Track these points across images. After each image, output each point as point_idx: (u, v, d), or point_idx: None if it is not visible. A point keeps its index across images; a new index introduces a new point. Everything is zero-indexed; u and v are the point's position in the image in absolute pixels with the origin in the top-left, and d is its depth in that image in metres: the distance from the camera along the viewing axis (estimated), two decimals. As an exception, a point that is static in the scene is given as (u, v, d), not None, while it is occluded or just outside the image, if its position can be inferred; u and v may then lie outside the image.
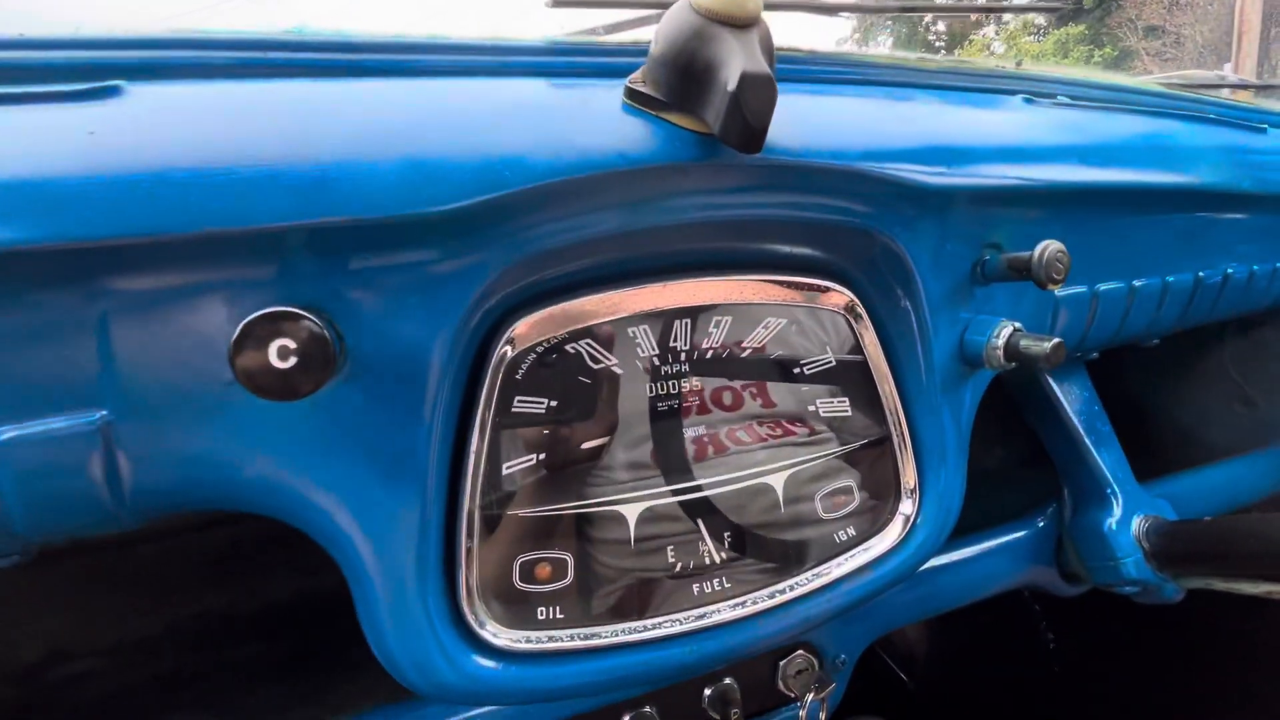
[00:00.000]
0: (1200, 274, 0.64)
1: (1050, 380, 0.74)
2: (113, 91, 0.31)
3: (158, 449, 0.33)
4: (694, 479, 0.48)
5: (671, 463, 0.48)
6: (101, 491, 0.33)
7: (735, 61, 0.33)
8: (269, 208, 0.30)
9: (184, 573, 0.83)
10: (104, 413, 0.32)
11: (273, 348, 0.28)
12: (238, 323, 0.31)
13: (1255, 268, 0.68)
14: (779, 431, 0.51)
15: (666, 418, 0.47)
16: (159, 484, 0.34)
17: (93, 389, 0.32)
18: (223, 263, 0.31)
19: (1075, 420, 0.74)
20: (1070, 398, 0.75)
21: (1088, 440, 0.73)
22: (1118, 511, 0.69)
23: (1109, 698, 1.19)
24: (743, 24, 0.34)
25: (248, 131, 0.32)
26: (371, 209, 0.32)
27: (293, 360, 0.29)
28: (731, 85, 0.33)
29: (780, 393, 0.50)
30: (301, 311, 0.29)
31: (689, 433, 0.48)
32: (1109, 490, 0.71)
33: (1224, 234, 0.65)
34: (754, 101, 0.33)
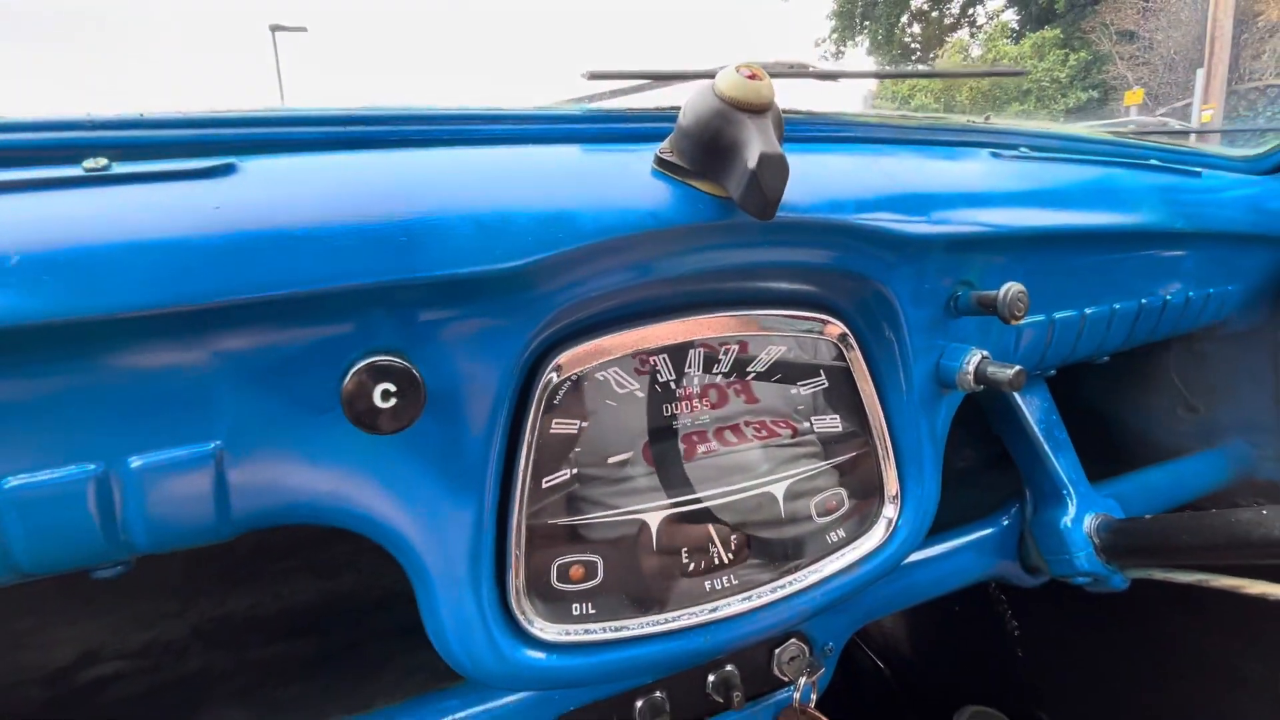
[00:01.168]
0: (1143, 301, 0.73)
1: (1014, 394, 0.82)
2: (230, 169, 0.36)
3: (260, 474, 0.39)
4: (706, 488, 0.55)
5: (686, 475, 0.54)
6: (209, 510, 0.39)
7: (755, 143, 0.40)
8: (364, 268, 0.36)
9: (208, 577, 0.87)
10: (217, 443, 0.37)
11: (377, 391, 0.34)
12: (339, 367, 0.37)
13: (1190, 294, 0.77)
14: (779, 445, 0.57)
15: (682, 435, 0.54)
16: (257, 504, 0.40)
17: (208, 424, 0.37)
18: (326, 315, 0.36)
19: (1036, 429, 0.82)
20: (1032, 409, 0.83)
21: (1047, 446, 0.81)
22: (1072, 510, 0.78)
23: (1067, 679, 1.29)
24: (759, 110, 0.41)
25: (342, 200, 0.37)
26: (448, 267, 0.37)
27: (393, 400, 0.34)
28: (752, 164, 0.39)
29: (780, 411, 0.57)
30: (399, 360, 0.35)
31: (701, 447, 0.55)
32: (1065, 491, 0.79)
33: (1163, 266, 0.73)
34: (770, 179, 0.39)
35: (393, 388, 0.34)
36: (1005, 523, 0.83)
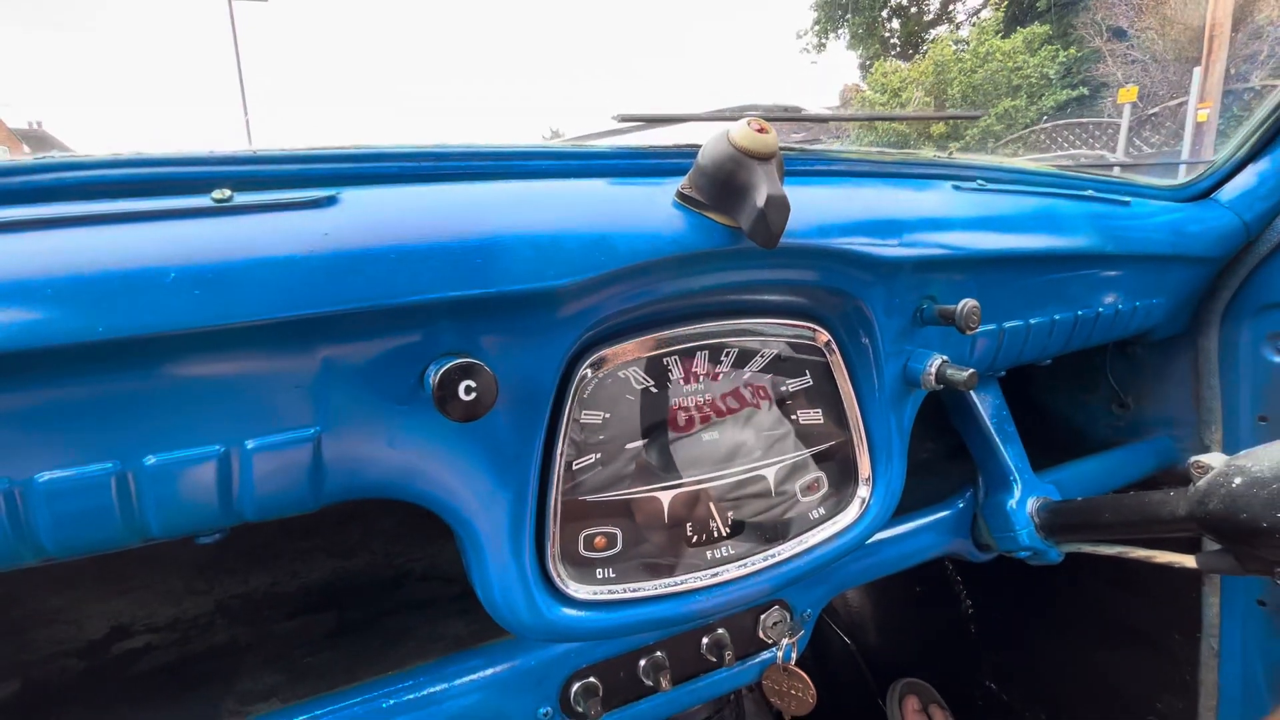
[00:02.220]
0: (1079, 312, 0.84)
1: (970, 393, 0.93)
2: (334, 200, 0.43)
3: (349, 455, 0.46)
4: (708, 471, 0.63)
5: (692, 459, 0.63)
6: (305, 485, 0.46)
7: (763, 186, 0.48)
8: (447, 284, 0.44)
9: (231, 557, 0.92)
10: (317, 429, 0.45)
11: (462, 386, 0.42)
12: (420, 365, 0.45)
13: (1120, 306, 0.89)
14: (770, 434, 0.67)
15: (690, 425, 0.62)
16: (344, 480, 0.47)
17: (310, 413, 0.44)
18: (412, 323, 0.44)
19: (988, 423, 0.93)
20: (985, 405, 0.94)
21: (997, 439, 0.92)
22: (1017, 494, 0.89)
23: (1012, 649, 1.43)
24: (766, 158, 0.49)
25: (427, 227, 0.45)
26: (513, 283, 0.45)
27: (474, 395, 0.42)
28: (760, 203, 0.48)
29: (773, 402, 0.66)
30: (479, 361, 0.43)
31: (705, 436, 0.63)
32: (1012, 478, 0.90)
33: (1097, 283, 0.85)
34: (775, 216, 0.48)
35: (474, 384, 0.42)
36: (960, 505, 0.94)
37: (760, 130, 0.49)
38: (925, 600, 1.71)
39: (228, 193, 0.42)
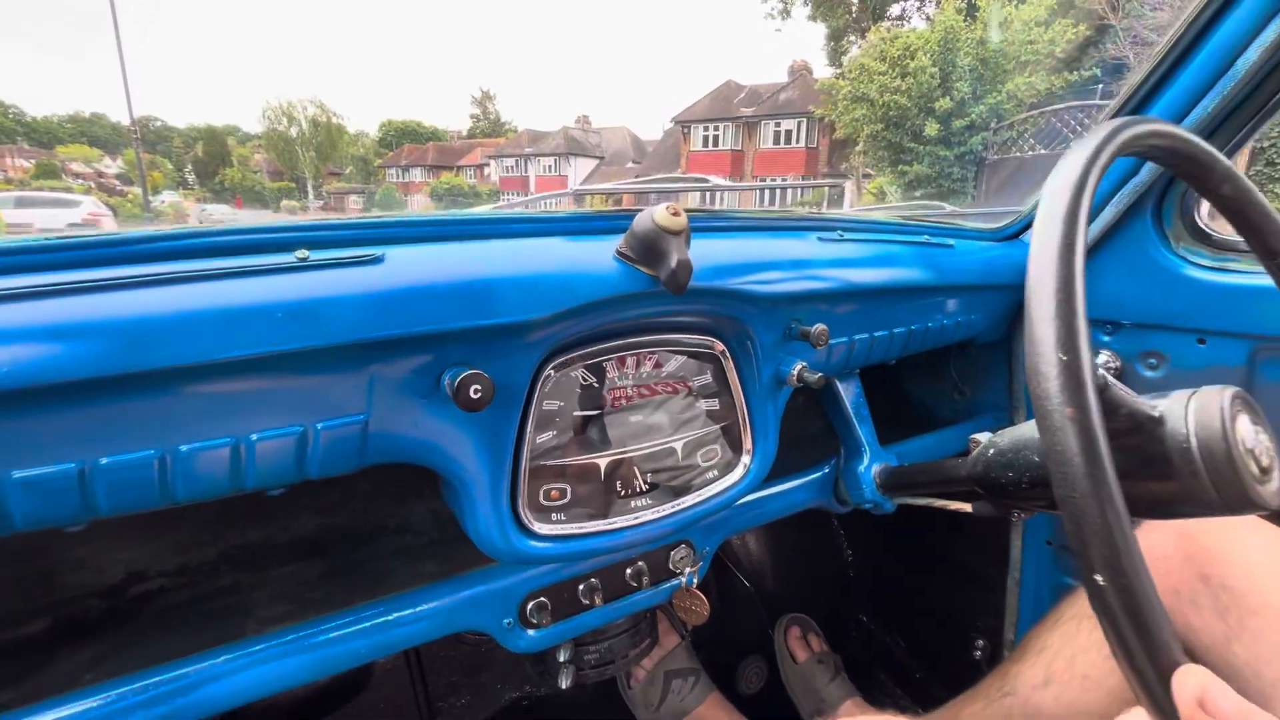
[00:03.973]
0: (913, 327, 1.12)
1: (836, 384, 1.21)
2: (381, 259, 0.63)
3: (385, 432, 0.67)
4: (634, 444, 0.87)
5: (622, 435, 0.86)
6: (355, 453, 0.66)
7: (674, 253, 0.71)
8: (460, 317, 0.64)
9: (231, 515, 1.07)
10: (365, 416, 0.65)
11: (470, 388, 0.63)
12: (438, 371, 0.65)
13: (945, 321, 1.18)
14: (679, 418, 0.91)
15: (621, 409, 0.86)
16: (381, 450, 0.67)
17: (360, 404, 0.64)
18: (433, 343, 0.65)
19: (849, 408, 1.21)
20: (848, 393, 1.22)
21: (854, 420, 1.20)
22: (866, 461, 1.17)
23: (877, 585, 1.77)
24: (678, 233, 0.72)
25: (447, 277, 0.65)
26: (506, 316, 0.67)
27: (479, 394, 0.64)
28: (673, 265, 0.71)
29: (682, 394, 0.90)
30: (481, 370, 0.64)
31: (632, 418, 0.87)
32: (863, 449, 1.18)
33: (926, 305, 1.13)
34: (683, 274, 0.71)
35: (479, 386, 0.63)
36: (825, 470, 1.22)
37: (675, 214, 0.72)
38: (813, 550, 2.04)
39: (306, 253, 0.61)
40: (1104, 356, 1.33)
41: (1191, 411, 0.56)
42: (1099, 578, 0.42)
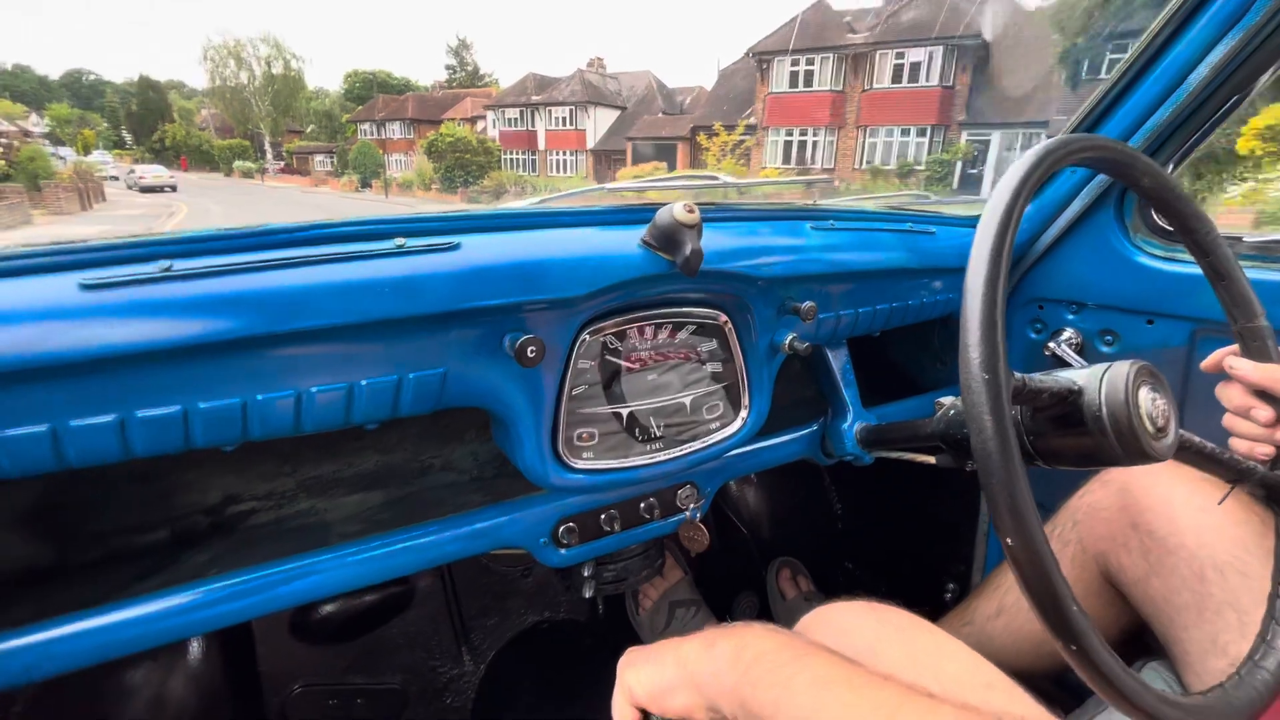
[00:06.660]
0: (894, 304, 1.29)
1: (826, 352, 1.38)
2: (459, 246, 0.80)
3: (460, 381, 0.85)
4: (650, 398, 1.05)
5: (641, 390, 1.04)
6: (435, 396, 0.85)
7: (689, 243, 0.88)
8: (519, 292, 0.82)
9: (307, 450, 1.25)
10: (444, 369, 0.83)
11: (529, 350, 0.81)
12: (501, 335, 0.83)
13: (925, 299, 1.34)
14: (688, 377, 1.09)
15: (641, 369, 1.04)
16: (455, 395, 0.86)
17: (442, 360, 0.82)
18: (498, 313, 0.82)
19: (837, 373, 1.38)
20: (836, 361, 1.39)
21: (841, 385, 1.38)
22: (849, 420, 1.35)
23: (861, 535, 1.97)
24: (693, 226, 0.89)
25: (509, 258, 0.82)
26: (556, 292, 0.84)
27: (534, 354, 0.81)
28: (687, 253, 0.88)
29: (691, 357, 1.08)
30: (537, 334, 0.82)
31: (649, 377, 1.05)
32: (847, 409, 1.35)
33: (908, 285, 1.29)
34: (695, 261, 0.88)
35: (535, 349, 0.81)
36: (814, 427, 1.39)
37: (690, 211, 0.88)
38: (806, 502, 2.25)
39: (402, 241, 0.79)
40: (1068, 334, 1.49)
41: (1104, 383, 0.69)
42: (1009, 540, 0.57)
